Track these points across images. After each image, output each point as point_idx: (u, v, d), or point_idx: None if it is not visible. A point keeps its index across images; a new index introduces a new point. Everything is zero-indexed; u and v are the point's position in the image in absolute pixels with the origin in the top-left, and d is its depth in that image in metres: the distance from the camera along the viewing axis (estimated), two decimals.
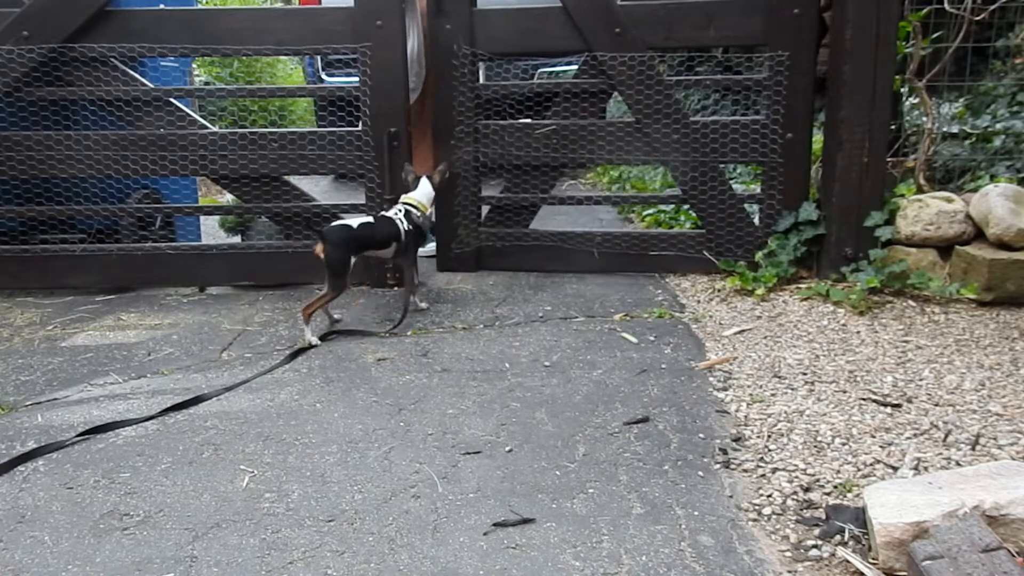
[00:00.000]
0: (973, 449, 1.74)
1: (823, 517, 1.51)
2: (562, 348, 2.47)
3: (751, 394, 2.09)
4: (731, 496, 1.60)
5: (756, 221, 3.17)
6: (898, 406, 1.98)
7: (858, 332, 2.52)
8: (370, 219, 2.78)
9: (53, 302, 3.17)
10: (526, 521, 1.52)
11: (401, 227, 2.78)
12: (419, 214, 2.85)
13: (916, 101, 3.27)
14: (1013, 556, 1.22)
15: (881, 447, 1.77)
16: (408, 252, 2.85)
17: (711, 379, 2.21)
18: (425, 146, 3.27)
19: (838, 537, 1.44)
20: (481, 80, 3.28)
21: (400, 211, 2.82)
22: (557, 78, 5.50)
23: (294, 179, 3.29)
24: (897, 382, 2.13)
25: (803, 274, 3.07)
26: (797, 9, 2.94)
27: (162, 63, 3.73)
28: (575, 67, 3.72)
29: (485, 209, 3.31)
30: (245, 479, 1.72)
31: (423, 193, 2.90)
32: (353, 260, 2.67)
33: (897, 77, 2.96)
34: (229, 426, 1.99)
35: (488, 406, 2.06)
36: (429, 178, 2.94)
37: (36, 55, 3.05)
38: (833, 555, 1.41)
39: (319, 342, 2.57)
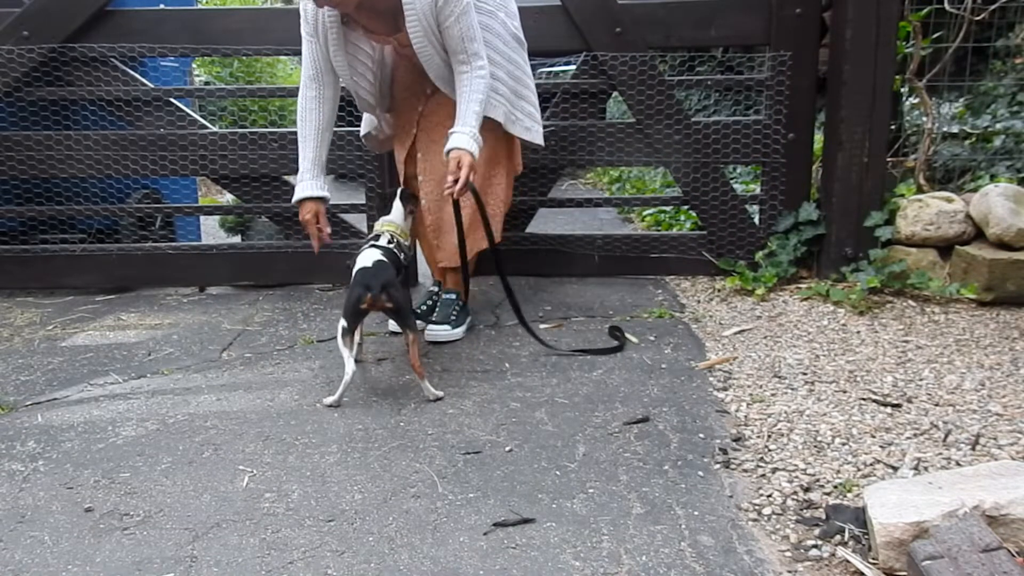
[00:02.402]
0: (973, 449, 1.74)
1: (823, 517, 1.51)
2: (562, 347, 2.46)
3: (751, 394, 2.09)
4: (731, 496, 1.60)
5: (756, 221, 3.17)
6: (898, 406, 1.98)
7: (858, 332, 2.52)
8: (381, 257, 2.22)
9: (53, 302, 3.17)
10: (526, 521, 1.52)
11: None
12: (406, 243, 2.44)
13: (916, 101, 3.27)
14: (1013, 556, 1.22)
15: (881, 447, 1.77)
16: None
17: (711, 379, 2.21)
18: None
19: (838, 537, 1.44)
20: None
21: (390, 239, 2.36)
22: (556, 78, 5.50)
23: (294, 179, 3.29)
24: (897, 382, 2.13)
25: (803, 274, 3.07)
26: (799, 9, 2.94)
27: (162, 63, 3.73)
28: (573, 67, 3.71)
29: None
30: (245, 479, 1.72)
31: (399, 215, 2.49)
32: None
33: (897, 77, 2.96)
34: (229, 426, 1.99)
35: (488, 406, 2.06)
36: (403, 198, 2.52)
37: (36, 55, 3.05)
38: (833, 555, 1.41)
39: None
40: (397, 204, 2.49)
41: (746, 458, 1.75)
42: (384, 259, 2.20)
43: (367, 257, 2.22)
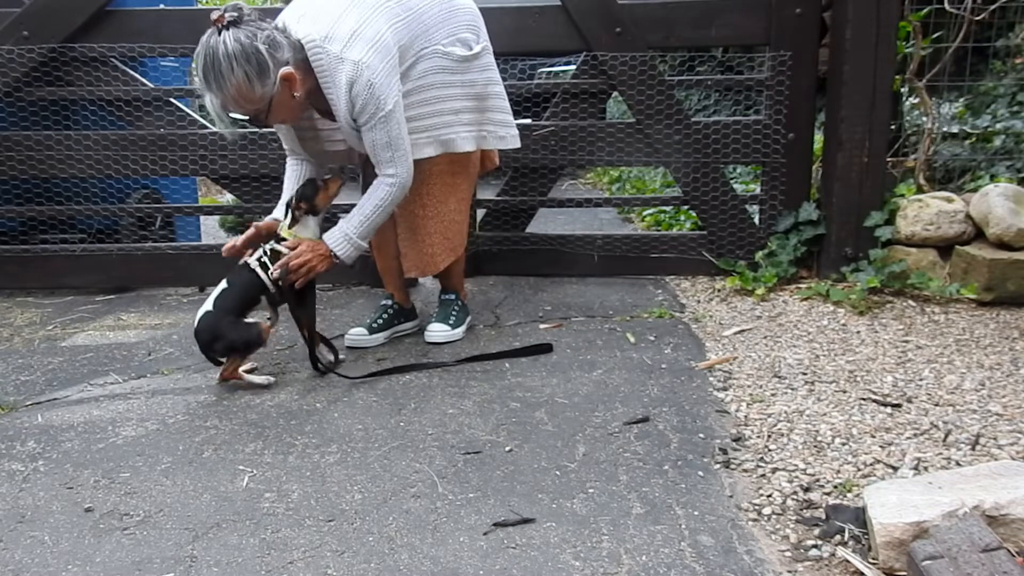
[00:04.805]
0: (973, 449, 1.74)
1: (823, 517, 1.51)
2: (562, 348, 2.46)
3: (751, 394, 2.09)
4: (731, 496, 1.60)
5: (756, 221, 3.17)
6: (898, 406, 1.98)
7: (858, 332, 2.52)
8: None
9: (53, 302, 3.17)
10: (526, 521, 1.52)
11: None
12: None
13: (916, 101, 3.27)
14: (1013, 556, 1.22)
15: (881, 447, 1.77)
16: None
17: (711, 379, 2.20)
18: None
19: (838, 537, 1.44)
20: None
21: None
22: (556, 78, 5.51)
23: None
24: (897, 382, 2.13)
25: (803, 274, 3.07)
26: (799, 9, 2.94)
27: (162, 63, 3.73)
28: (573, 67, 3.72)
29: (481, 213, 3.29)
30: (245, 479, 1.72)
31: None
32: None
33: (897, 77, 2.96)
34: (229, 426, 1.99)
35: (488, 406, 2.06)
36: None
37: (36, 55, 3.05)
38: (833, 555, 1.41)
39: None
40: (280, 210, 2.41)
41: (746, 458, 1.75)
42: (210, 310, 2.20)
43: (204, 305, 2.23)
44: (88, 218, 3.48)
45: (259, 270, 2.25)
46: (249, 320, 2.25)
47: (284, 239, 2.29)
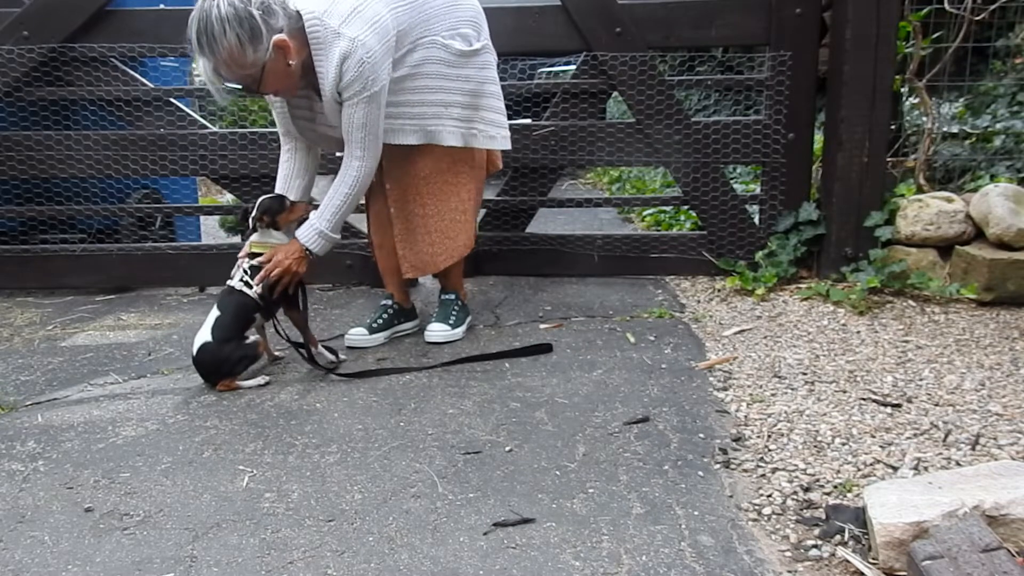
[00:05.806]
0: (973, 449, 1.74)
1: (823, 517, 1.51)
2: (562, 348, 2.46)
3: (751, 394, 2.09)
4: (731, 496, 1.60)
5: (756, 221, 3.17)
6: (898, 406, 1.98)
7: (858, 332, 2.52)
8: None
9: (53, 302, 3.17)
10: (526, 521, 1.52)
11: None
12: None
13: (916, 101, 3.27)
14: (1013, 556, 1.22)
15: (881, 447, 1.77)
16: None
17: (711, 379, 2.20)
18: None
19: (838, 537, 1.44)
20: None
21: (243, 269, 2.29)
22: (556, 78, 5.51)
23: None
24: (897, 382, 2.13)
25: (803, 274, 3.08)
26: (799, 9, 2.94)
27: (162, 63, 3.73)
28: (573, 67, 3.71)
29: (481, 213, 3.28)
30: (245, 479, 1.72)
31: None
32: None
33: (897, 77, 2.96)
34: (229, 426, 1.99)
35: (488, 406, 2.06)
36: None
37: (36, 55, 3.05)
38: (833, 555, 1.41)
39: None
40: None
41: (746, 458, 1.75)
42: (209, 340, 2.20)
43: (201, 334, 2.22)
44: (88, 218, 3.49)
45: (245, 289, 2.26)
46: (248, 339, 2.27)
47: (258, 254, 2.29)
